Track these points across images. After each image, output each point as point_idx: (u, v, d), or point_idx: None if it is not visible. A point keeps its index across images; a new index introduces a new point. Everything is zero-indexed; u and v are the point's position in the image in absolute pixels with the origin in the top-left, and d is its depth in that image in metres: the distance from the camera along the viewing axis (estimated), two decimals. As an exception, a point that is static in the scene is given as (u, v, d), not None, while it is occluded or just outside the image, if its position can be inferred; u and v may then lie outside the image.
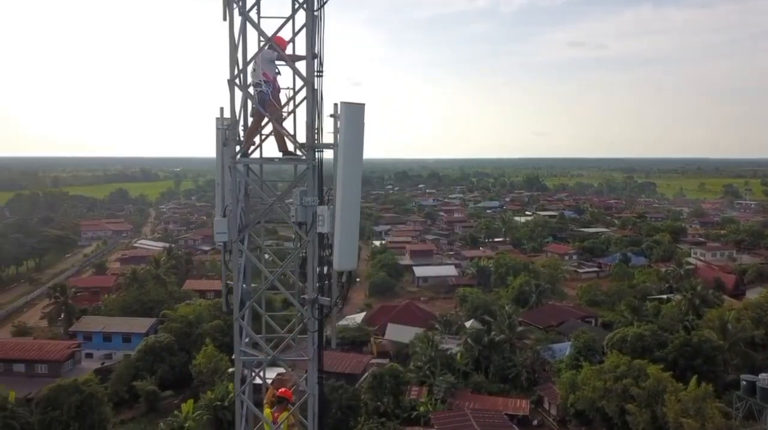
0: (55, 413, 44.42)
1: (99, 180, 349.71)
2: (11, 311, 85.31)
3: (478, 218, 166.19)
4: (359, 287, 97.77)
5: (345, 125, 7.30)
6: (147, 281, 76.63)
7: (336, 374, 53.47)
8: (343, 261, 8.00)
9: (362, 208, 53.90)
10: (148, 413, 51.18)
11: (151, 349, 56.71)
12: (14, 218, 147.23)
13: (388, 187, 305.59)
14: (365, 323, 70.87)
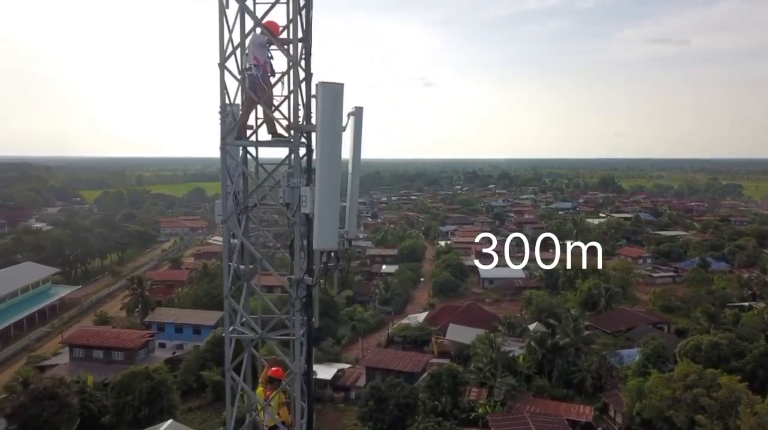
0: (127, 397, 46.83)
1: (179, 179, 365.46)
2: (95, 301, 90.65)
3: (549, 219, 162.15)
4: (423, 287, 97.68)
5: (322, 105, 7.34)
6: (216, 275, 79.32)
7: (395, 372, 53.76)
8: (321, 240, 8.05)
9: (429, 209, 53.91)
10: (213, 402, 52.93)
11: (218, 341, 58.62)
12: (100, 214, 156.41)
13: (457, 188, 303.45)
14: (427, 323, 70.74)
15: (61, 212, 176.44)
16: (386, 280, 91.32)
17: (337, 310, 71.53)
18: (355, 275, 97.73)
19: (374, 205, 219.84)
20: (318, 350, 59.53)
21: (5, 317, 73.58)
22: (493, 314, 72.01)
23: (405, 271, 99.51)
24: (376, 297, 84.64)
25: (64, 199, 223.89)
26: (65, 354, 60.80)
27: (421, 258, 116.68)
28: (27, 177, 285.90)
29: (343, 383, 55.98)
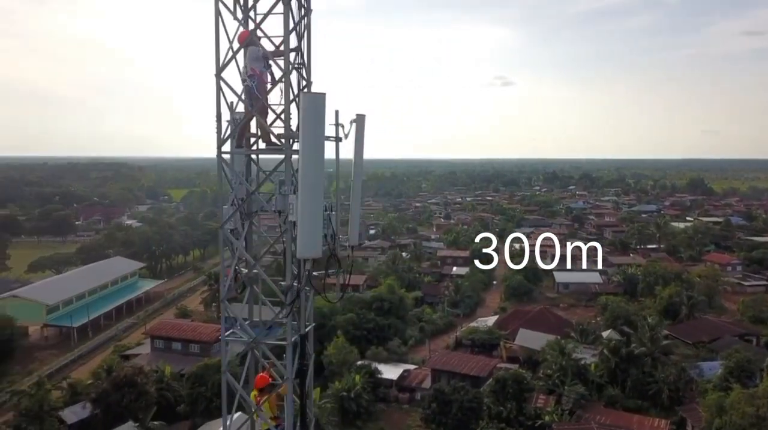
0: (201, 388, 48.87)
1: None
2: (177, 295, 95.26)
3: (631, 222, 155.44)
4: (495, 290, 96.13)
5: (304, 115, 7.37)
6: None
7: (460, 375, 53.23)
8: (304, 248, 8.04)
9: (504, 210, 52.98)
10: (280, 397, 54.29)
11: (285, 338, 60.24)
12: (185, 213, 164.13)
13: (536, 188, 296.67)
14: (497, 327, 69.55)
15: (150, 210, 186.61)
16: (456, 282, 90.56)
17: (406, 310, 71.65)
18: (425, 276, 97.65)
19: (448, 206, 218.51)
20: (384, 349, 59.93)
21: (97, 307, 78.60)
22: (565, 320, 69.86)
23: (476, 273, 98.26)
24: (445, 299, 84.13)
25: (154, 197, 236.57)
26: (147, 345, 64.17)
27: (493, 261, 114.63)
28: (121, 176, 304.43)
29: (409, 383, 55.98)
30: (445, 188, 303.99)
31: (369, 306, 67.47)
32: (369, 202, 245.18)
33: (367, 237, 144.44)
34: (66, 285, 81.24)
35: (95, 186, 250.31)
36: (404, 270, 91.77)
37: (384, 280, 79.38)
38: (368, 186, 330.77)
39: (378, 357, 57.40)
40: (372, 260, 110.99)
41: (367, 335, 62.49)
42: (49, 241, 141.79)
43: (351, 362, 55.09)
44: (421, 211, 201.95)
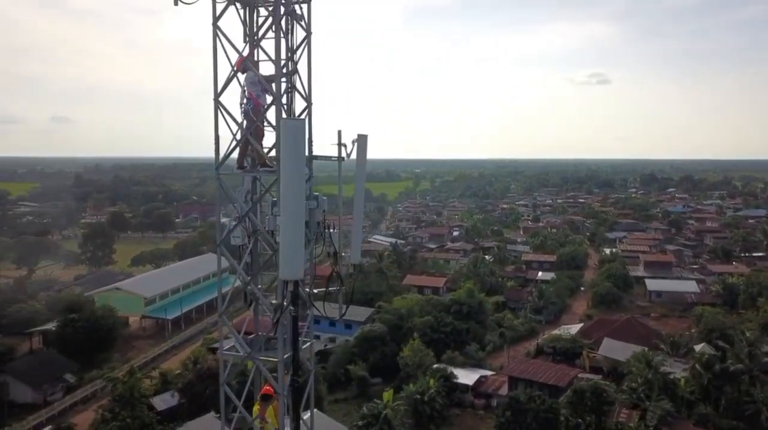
0: (279, 384, 50.48)
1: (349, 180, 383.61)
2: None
3: (736, 228, 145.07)
4: (582, 297, 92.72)
5: (283, 140, 7.37)
6: (370, 272, 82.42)
7: (538, 384, 51.80)
8: (285, 270, 8.04)
9: (596, 213, 51.64)
10: (358, 396, 55.08)
11: (365, 337, 60.95)
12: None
13: (631, 191, 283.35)
14: (580, 335, 67.01)
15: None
16: (541, 287, 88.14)
17: (485, 315, 70.53)
18: (508, 280, 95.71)
19: (536, 208, 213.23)
20: (461, 354, 59.28)
21: (189, 301, 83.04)
22: (655, 331, 66.23)
23: (562, 278, 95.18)
24: (528, 304, 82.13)
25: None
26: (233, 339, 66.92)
27: (582, 266, 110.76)
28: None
29: (485, 389, 55.09)
30: (535, 190, 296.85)
31: (447, 309, 66.97)
32: (454, 203, 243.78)
33: (450, 239, 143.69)
34: (162, 279, 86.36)
35: (194, 185, 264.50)
36: (486, 274, 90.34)
37: (464, 283, 78.53)
38: (454, 187, 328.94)
39: (454, 361, 56.85)
40: (453, 262, 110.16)
41: (444, 339, 62.02)
42: (151, 237, 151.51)
43: (426, 365, 54.91)
44: (508, 213, 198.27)
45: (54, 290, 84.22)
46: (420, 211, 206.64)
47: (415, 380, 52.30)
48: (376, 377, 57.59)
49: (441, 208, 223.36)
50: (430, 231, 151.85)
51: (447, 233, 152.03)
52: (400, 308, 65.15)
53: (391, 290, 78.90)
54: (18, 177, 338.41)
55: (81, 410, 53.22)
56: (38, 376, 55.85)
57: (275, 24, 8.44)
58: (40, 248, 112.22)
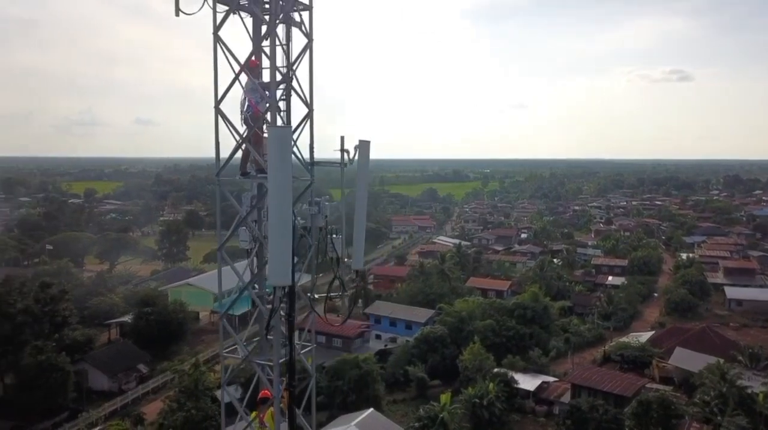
0: (338, 382, 51.05)
1: (416, 180, 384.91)
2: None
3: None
4: (654, 303, 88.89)
5: (270, 147, 7.37)
6: (432, 274, 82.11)
7: (603, 393, 50.11)
8: (274, 276, 8.03)
9: (674, 216, 50.00)
10: (416, 397, 54.97)
11: (425, 338, 60.75)
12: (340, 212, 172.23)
13: (714, 193, 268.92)
14: (650, 343, 64.32)
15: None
16: (610, 292, 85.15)
17: (550, 320, 68.82)
18: (576, 284, 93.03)
19: (610, 210, 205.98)
20: (522, 359, 58.11)
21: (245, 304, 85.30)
22: (732, 341, 62.61)
23: (634, 284, 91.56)
24: (596, 310, 79.53)
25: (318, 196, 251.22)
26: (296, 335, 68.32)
27: (656, 271, 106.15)
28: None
29: (547, 396, 53.76)
30: (609, 191, 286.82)
31: (510, 313, 65.84)
32: (523, 204, 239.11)
33: (518, 241, 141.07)
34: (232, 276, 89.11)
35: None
36: (553, 277, 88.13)
37: (528, 287, 76.98)
38: (524, 187, 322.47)
39: (515, 366, 55.80)
40: (520, 265, 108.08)
41: (506, 343, 61.01)
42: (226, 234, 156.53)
43: (486, 369, 54.15)
44: (580, 215, 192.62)
45: (132, 285, 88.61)
46: (487, 212, 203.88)
47: (474, 383, 51.71)
48: (435, 379, 57.33)
49: (509, 209, 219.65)
50: (497, 233, 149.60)
51: (515, 235, 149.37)
52: (461, 311, 64.52)
53: (454, 292, 78.29)
54: (105, 176, 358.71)
55: (152, 399, 55.75)
56: (114, 365, 58.95)
57: (269, 32, 8.56)
58: (121, 244, 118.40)
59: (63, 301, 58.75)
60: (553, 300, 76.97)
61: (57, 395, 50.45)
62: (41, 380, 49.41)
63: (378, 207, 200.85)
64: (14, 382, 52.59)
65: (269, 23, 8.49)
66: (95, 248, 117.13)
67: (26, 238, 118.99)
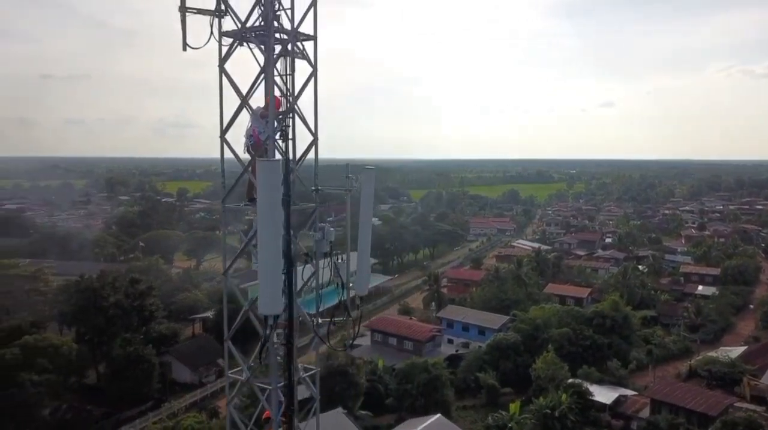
0: (407, 385, 51.17)
1: (498, 181, 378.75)
2: (404, 291, 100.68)
3: None
4: (749, 316, 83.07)
5: (258, 180, 7.44)
6: (508, 279, 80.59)
7: (685, 410, 47.54)
8: (264, 306, 8.08)
9: None
10: (486, 405, 54.18)
11: (498, 345, 59.75)
12: (420, 213, 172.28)
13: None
14: (742, 359, 60.21)
15: (391, 209, 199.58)
16: (699, 303, 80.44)
17: (631, 330, 65.80)
18: (662, 293, 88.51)
19: (704, 215, 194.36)
20: (599, 370, 56.01)
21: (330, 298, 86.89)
22: (837, 361, 57.54)
23: (726, 294, 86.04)
24: (683, 321, 75.39)
25: (395, 197, 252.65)
26: (368, 337, 69.11)
27: (752, 281, 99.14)
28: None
29: (624, 410, 51.57)
30: (704, 194, 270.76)
31: (588, 322, 63.52)
32: (610, 206, 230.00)
33: (601, 246, 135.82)
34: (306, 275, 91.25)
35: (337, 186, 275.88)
36: (637, 285, 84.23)
37: (609, 294, 74.02)
38: (611, 189, 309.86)
39: (591, 377, 53.83)
40: (602, 271, 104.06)
41: (582, 353, 58.94)
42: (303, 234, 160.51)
43: (560, 378, 52.58)
44: (670, 219, 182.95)
45: (215, 282, 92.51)
46: (571, 215, 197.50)
47: (546, 393, 50.37)
48: (507, 387, 56.27)
49: (594, 212, 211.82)
50: (580, 237, 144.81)
51: (598, 239, 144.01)
52: (536, 318, 62.99)
53: (530, 298, 76.49)
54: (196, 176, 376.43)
55: (229, 393, 58.06)
56: (196, 359, 61.86)
57: (267, 64, 8.74)
58: (207, 241, 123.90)
59: (150, 296, 62.17)
60: (635, 309, 73.67)
61: (143, 385, 53.59)
62: (129, 371, 52.67)
63: (456, 208, 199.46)
64: (106, 371, 56.31)
65: (266, 55, 8.69)
66: (184, 245, 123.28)
67: (123, 235, 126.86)
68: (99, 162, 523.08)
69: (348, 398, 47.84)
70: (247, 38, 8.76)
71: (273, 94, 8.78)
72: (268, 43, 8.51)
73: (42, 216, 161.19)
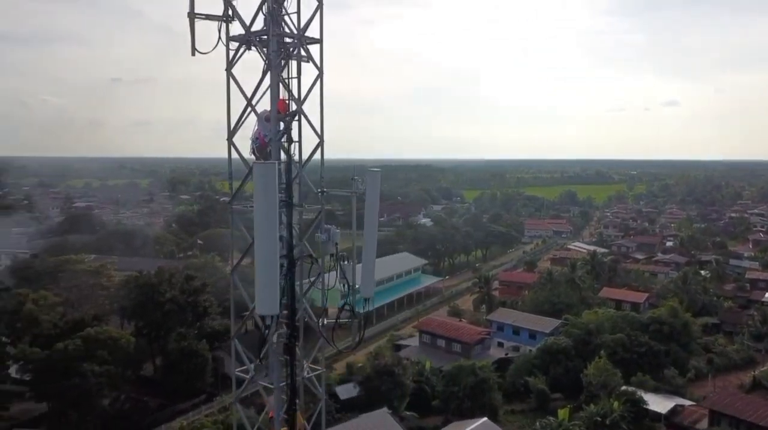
0: (454, 388, 50.83)
1: (555, 182, 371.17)
2: (454, 293, 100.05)
3: None
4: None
5: (255, 183, 7.48)
6: (561, 282, 78.85)
7: (747, 423, 45.42)
8: (262, 306, 8.07)
9: None
10: (535, 409, 53.17)
11: (549, 349, 58.58)
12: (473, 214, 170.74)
13: None
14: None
15: (443, 210, 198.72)
16: (766, 310, 76.36)
17: (690, 337, 63.26)
18: (725, 300, 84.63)
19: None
20: (654, 378, 54.09)
21: (382, 297, 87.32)
22: None
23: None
24: (747, 329, 71.80)
25: (448, 197, 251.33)
26: (417, 338, 69.00)
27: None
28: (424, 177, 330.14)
29: (681, 421, 49.60)
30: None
31: (644, 328, 61.52)
32: (672, 209, 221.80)
33: (662, 250, 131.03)
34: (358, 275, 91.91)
35: (400, 186, 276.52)
36: (698, 291, 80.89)
37: (668, 300, 71.38)
38: (674, 191, 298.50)
39: (645, 385, 52.05)
40: (662, 276, 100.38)
41: (637, 360, 57.05)
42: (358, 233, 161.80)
43: (612, 385, 51.12)
44: (737, 222, 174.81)
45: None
46: (630, 217, 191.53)
47: (598, 400, 49.08)
48: (557, 393, 55.07)
49: (655, 214, 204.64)
50: (639, 240, 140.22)
51: (658, 242, 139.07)
52: (589, 322, 61.40)
53: (583, 302, 74.61)
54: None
55: (279, 389, 59.14)
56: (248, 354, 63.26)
57: (271, 67, 8.83)
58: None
59: (204, 292, 63.96)
60: (696, 316, 70.86)
61: (196, 379, 55.24)
62: (183, 365, 54.39)
63: (511, 210, 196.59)
64: (162, 364, 58.33)
65: (270, 59, 8.83)
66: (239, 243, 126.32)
67: (182, 233, 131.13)
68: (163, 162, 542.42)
69: (394, 398, 47.96)
70: (252, 42, 8.93)
71: (276, 96, 8.93)
72: (269, 46, 8.65)
73: (108, 214, 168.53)
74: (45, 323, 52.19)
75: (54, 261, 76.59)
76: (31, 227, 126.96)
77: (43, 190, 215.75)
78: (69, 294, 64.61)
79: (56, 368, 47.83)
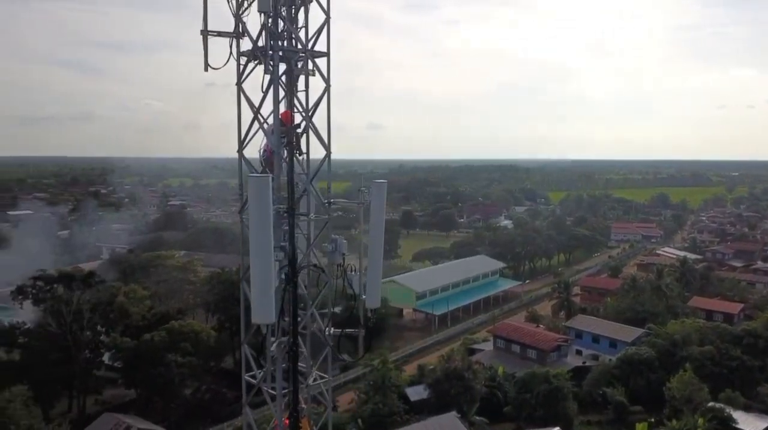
0: (526, 395, 49.71)
1: (647, 184, 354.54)
2: (534, 298, 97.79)
3: None
4: None
5: (249, 194, 7.65)
6: (645, 290, 75.22)
7: None
8: (257, 315, 8.10)
9: None
10: (613, 422, 51.20)
11: (629, 359, 56.12)
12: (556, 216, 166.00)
13: None
14: None
15: (527, 211, 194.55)
16: None
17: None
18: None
19: None
20: (746, 396, 50.63)
21: (457, 299, 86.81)
22: None
23: None
24: None
25: (532, 199, 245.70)
26: (491, 342, 68.00)
27: None
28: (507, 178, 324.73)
29: (776, 443, 46.04)
30: None
31: (737, 341, 57.63)
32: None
33: (762, 258, 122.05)
34: (434, 276, 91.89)
35: (482, 187, 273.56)
36: (801, 303, 74.81)
37: (765, 312, 66.45)
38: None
39: (735, 402, 48.72)
40: (760, 286, 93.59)
41: (727, 375, 53.51)
42: (436, 235, 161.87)
43: (698, 401, 48.16)
44: None
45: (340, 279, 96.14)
46: (728, 222, 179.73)
47: (681, 416, 46.45)
48: (637, 405, 52.64)
49: (757, 219, 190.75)
50: (737, 247, 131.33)
51: (759, 250, 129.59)
52: (674, 333, 58.26)
53: (669, 311, 70.80)
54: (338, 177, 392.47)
55: (350, 388, 59.98)
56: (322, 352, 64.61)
57: (273, 81, 8.99)
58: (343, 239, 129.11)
59: (282, 290, 66.01)
60: (798, 330, 65.41)
61: (272, 374, 57.11)
62: (258, 360, 56.36)
63: (597, 213, 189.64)
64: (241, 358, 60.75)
65: (273, 72, 9.06)
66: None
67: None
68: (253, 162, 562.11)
69: (463, 403, 47.50)
70: (258, 57, 9.23)
71: (278, 109, 9.18)
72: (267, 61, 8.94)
73: (200, 212, 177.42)
74: (135, 314, 55.65)
75: (147, 256, 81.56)
76: (131, 224, 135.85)
77: (143, 188, 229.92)
78: (157, 288, 68.50)
79: (144, 358, 51.02)
